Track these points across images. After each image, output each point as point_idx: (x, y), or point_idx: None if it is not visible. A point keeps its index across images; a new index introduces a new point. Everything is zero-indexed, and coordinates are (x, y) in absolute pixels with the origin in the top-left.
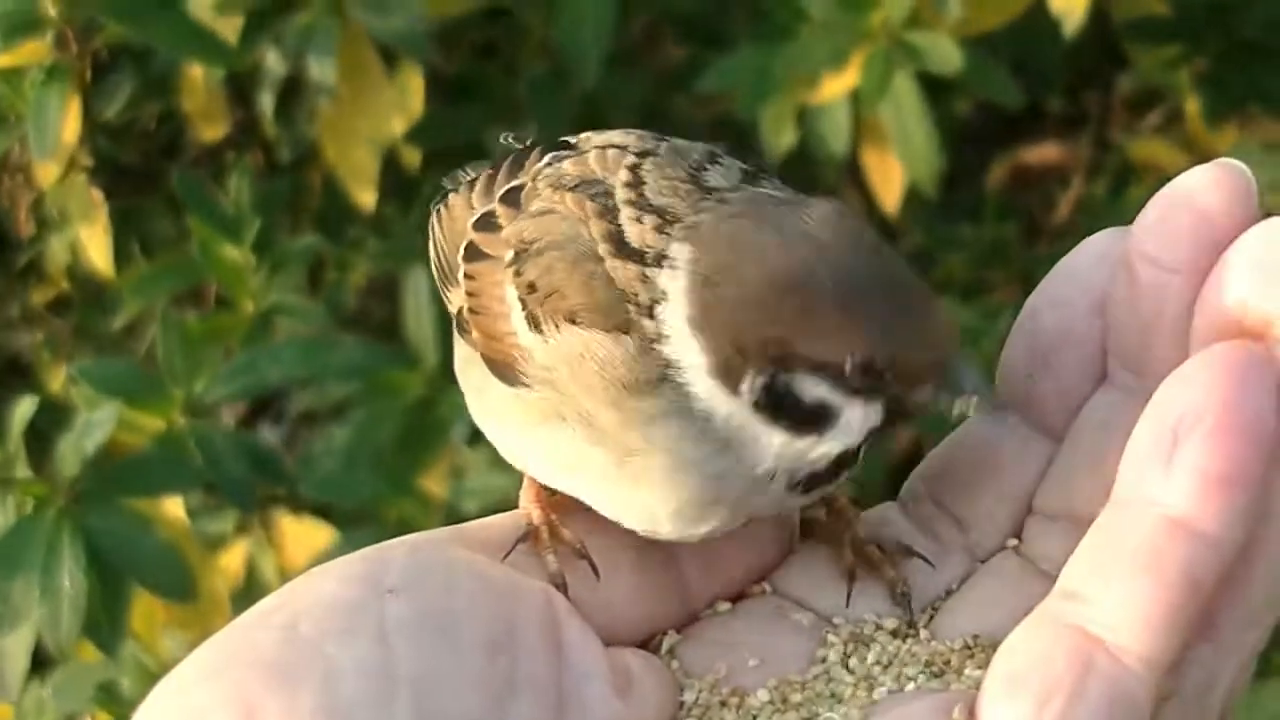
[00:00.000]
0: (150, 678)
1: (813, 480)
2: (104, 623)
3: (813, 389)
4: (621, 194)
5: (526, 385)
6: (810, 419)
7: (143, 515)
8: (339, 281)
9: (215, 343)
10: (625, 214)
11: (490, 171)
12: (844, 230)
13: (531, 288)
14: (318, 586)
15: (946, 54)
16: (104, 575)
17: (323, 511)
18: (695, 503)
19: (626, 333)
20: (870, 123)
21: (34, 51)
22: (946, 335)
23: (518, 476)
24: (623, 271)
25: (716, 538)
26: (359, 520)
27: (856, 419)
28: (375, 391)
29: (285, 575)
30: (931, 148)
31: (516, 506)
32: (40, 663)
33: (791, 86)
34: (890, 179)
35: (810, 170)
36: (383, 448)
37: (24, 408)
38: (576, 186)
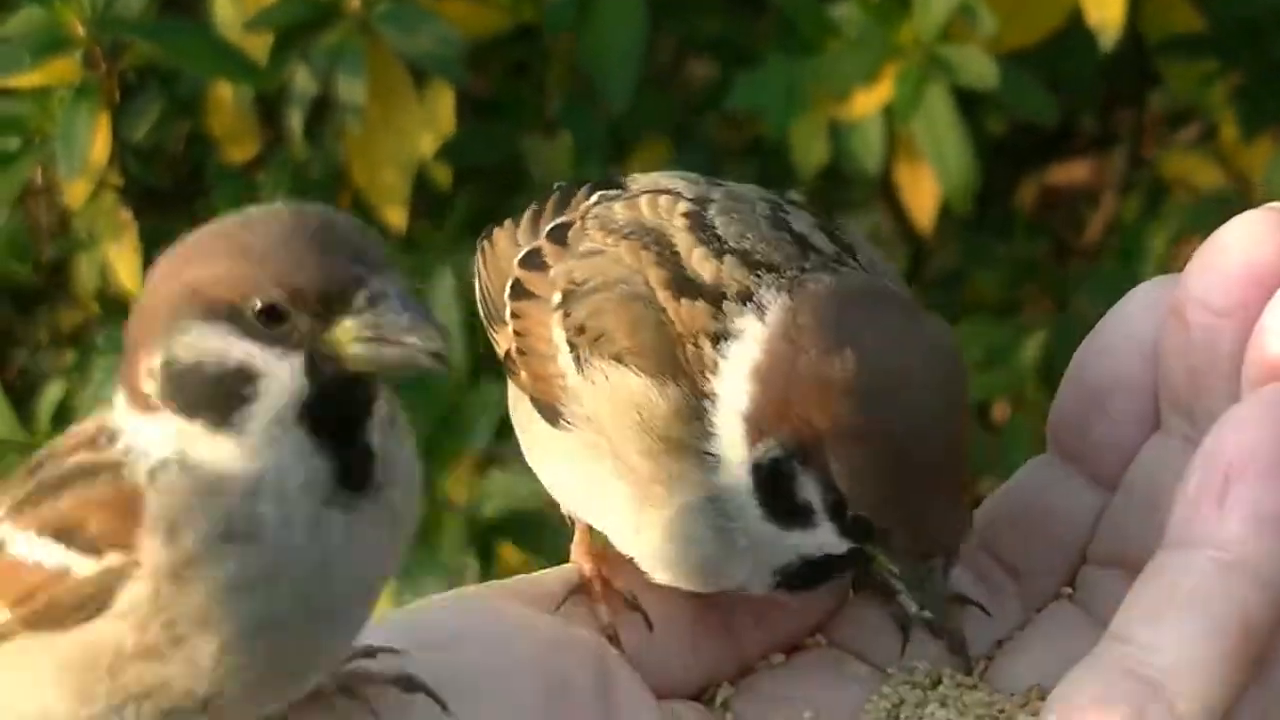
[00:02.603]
0: None
1: (793, 585)
2: None
3: (806, 491)
4: (684, 239)
5: (571, 425)
6: (788, 514)
7: None
8: None
9: None
10: (696, 255)
11: (536, 208)
12: (945, 373)
13: (580, 330)
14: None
15: (981, 68)
16: None
17: None
18: (690, 567)
19: (673, 381)
20: (903, 138)
21: (62, 71)
22: (951, 533)
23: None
24: (687, 311)
25: None
26: None
27: (822, 540)
28: (405, 393)
29: None
30: (966, 163)
31: (535, 514)
32: None
33: (822, 102)
34: (924, 196)
35: (843, 187)
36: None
37: (54, 390)
38: (630, 234)
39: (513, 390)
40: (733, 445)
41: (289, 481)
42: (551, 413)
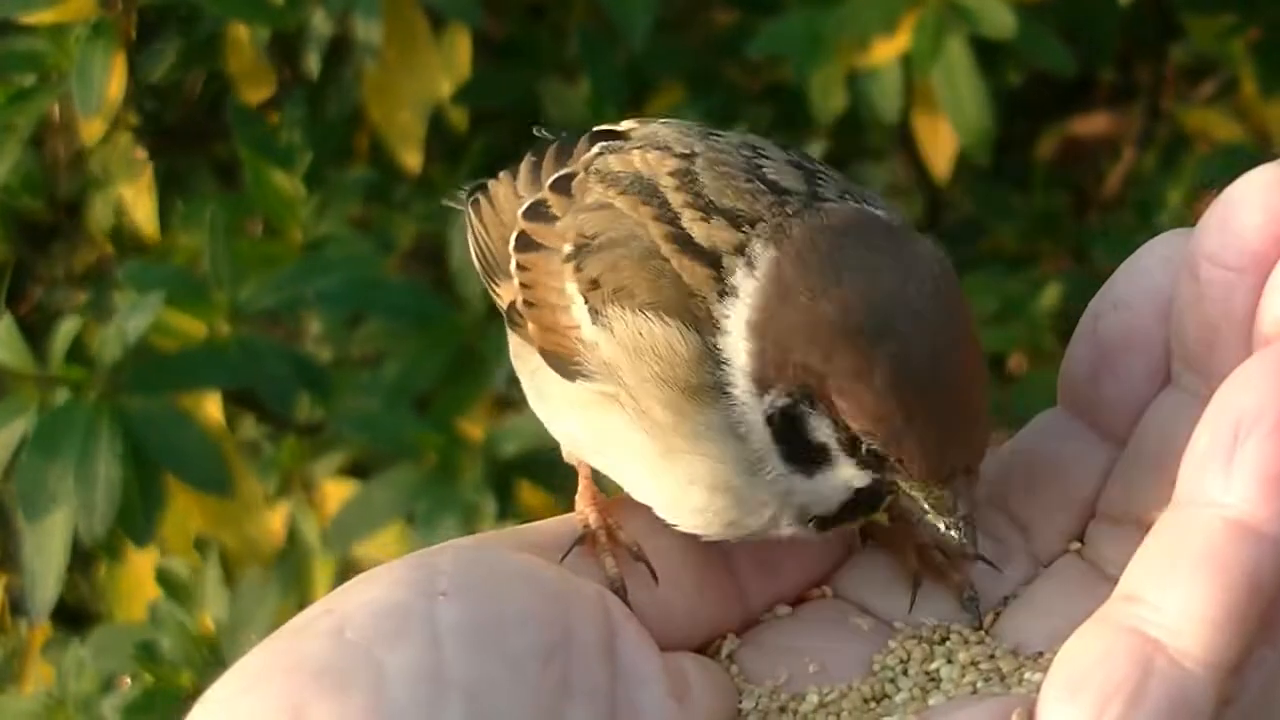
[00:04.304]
0: (189, 638)
1: (824, 521)
2: (138, 513)
3: (820, 433)
4: (675, 198)
5: (586, 377)
6: (807, 457)
7: (183, 409)
8: (386, 221)
9: (261, 268)
10: (687, 216)
11: (534, 159)
12: (938, 294)
13: (595, 284)
14: (366, 591)
15: (999, 18)
16: (141, 465)
17: (355, 463)
18: (716, 511)
19: (692, 329)
20: (922, 88)
21: (79, 7)
22: (967, 452)
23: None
24: (690, 269)
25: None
26: (393, 462)
27: (846, 477)
28: (421, 332)
29: (326, 536)
30: (983, 114)
31: (553, 453)
32: (77, 620)
33: (842, 50)
34: (941, 145)
35: (861, 135)
36: (425, 389)
37: (70, 325)
38: (627, 188)
39: (515, 341)
40: (746, 398)
41: None
42: (562, 364)
